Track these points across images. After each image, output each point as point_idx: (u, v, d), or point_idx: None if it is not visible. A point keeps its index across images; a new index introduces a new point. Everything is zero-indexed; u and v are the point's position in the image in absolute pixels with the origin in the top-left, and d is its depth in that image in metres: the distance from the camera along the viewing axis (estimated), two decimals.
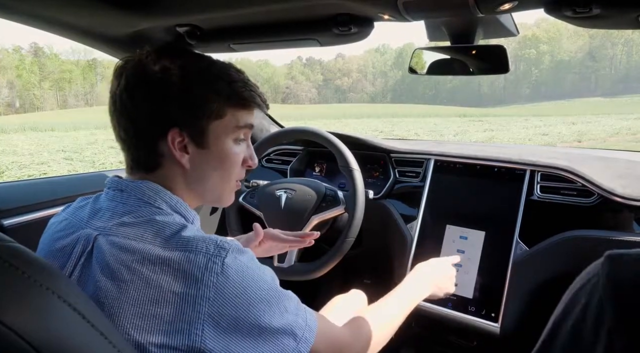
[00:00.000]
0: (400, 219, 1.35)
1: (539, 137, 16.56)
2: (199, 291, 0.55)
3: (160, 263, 0.56)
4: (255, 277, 0.60)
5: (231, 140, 0.68)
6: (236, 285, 0.57)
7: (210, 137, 0.66)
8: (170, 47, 0.68)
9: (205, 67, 0.66)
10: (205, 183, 0.69)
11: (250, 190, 1.43)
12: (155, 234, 0.59)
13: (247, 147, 0.73)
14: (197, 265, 0.56)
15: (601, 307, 0.42)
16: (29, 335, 0.40)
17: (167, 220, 0.61)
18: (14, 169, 9.79)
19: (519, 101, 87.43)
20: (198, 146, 0.66)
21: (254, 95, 0.69)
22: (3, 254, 0.43)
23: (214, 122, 0.66)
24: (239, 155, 0.71)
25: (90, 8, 0.88)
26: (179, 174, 0.67)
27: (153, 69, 0.63)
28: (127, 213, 0.62)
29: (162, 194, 0.65)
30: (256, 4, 0.85)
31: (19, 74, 72.32)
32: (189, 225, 0.63)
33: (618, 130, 18.50)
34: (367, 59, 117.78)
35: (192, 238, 0.59)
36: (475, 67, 1.01)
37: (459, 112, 38.71)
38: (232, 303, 0.56)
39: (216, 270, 0.56)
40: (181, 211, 0.67)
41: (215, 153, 0.67)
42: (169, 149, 0.64)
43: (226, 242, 0.59)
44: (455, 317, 1.21)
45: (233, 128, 0.68)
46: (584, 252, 1.10)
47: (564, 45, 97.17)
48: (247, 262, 0.60)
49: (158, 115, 0.64)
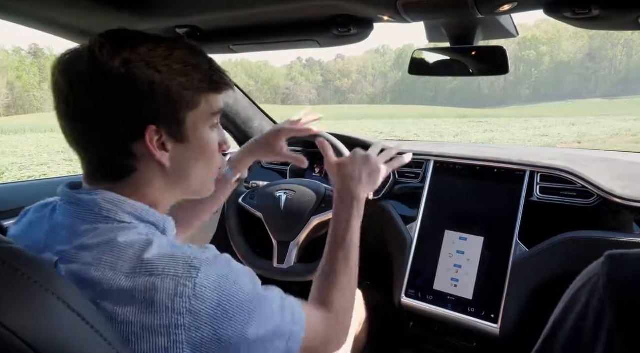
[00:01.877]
0: (400, 220, 1.35)
1: (539, 138, 16.58)
2: (172, 320, 0.50)
3: (124, 294, 0.50)
4: (233, 289, 0.55)
5: (208, 127, 0.64)
6: (213, 305, 0.52)
7: (189, 129, 0.61)
8: (121, 33, 0.59)
9: (170, 54, 0.59)
10: (188, 177, 0.65)
11: (250, 191, 1.43)
12: (116, 258, 0.52)
13: (219, 130, 0.68)
14: (166, 291, 0.50)
15: (601, 306, 0.42)
16: (28, 336, 0.40)
17: (129, 239, 0.54)
18: (14, 170, 9.79)
19: (519, 102, 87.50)
20: (178, 141, 0.61)
21: (223, 76, 0.64)
22: (3, 256, 0.43)
23: (190, 113, 0.61)
24: (216, 142, 0.67)
25: (90, 9, 0.88)
26: (158, 173, 0.62)
27: (113, 64, 0.55)
28: (86, 233, 0.55)
29: (123, 205, 0.58)
30: (256, 5, 0.85)
31: (18, 75, 72.36)
32: (156, 239, 0.56)
33: (618, 131, 18.51)
34: (367, 60, 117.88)
35: (158, 258, 0.53)
36: (475, 68, 1.01)
37: (458, 113, 38.74)
38: (211, 325, 0.52)
39: (188, 294, 0.51)
40: (149, 219, 0.60)
41: (196, 145, 0.63)
42: (147, 150, 0.58)
43: (196, 258, 0.54)
44: (455, 318, 1.20)
45: (209, 115, 0.63)
46: (584, 253, 1.10)
47: (563, 46, 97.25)
48: (223, 275, 0.55)
49: (129, 116, 0.57)
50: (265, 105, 1.84)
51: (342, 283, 0.78)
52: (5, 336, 0.39)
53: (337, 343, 0.74)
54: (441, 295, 1.24)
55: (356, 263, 0.82)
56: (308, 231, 1.30)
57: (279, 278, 1.32)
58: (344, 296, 0.77)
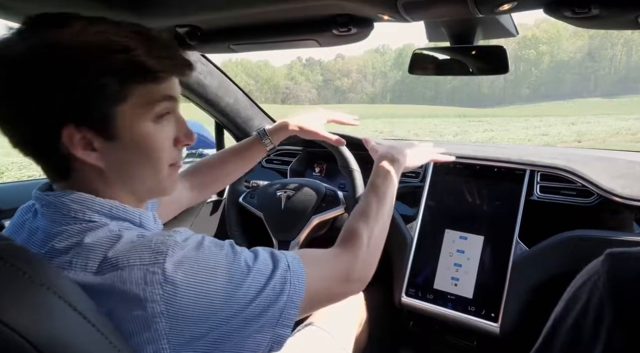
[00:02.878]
0: (400, 219, 1.35)
1: (539, 138, 16.57)
2: (147, 310, 0.48)
3: (98, 294, 0.48)
4: (208, 268, 0.52)
5: (149, 121, 0.55)
6: (189, 287, 0.50)
7: (118, 124, 0.53)
8: (46, 15, 0.52)
9: (91, 39, 0.50)
10: (130, 179, 0.58)
11: (250, 190, 1.43)
12: (86, 259, 0.50)
13: (176, 122, 0.60)
14: (135, 282, 0.48)
15: (601, 304, 0.42)
16: (30, 334, 0.40)
17: (97, 238, 0.52)
18: (14, 170, 9.78)
19: (519, 101, 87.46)
20: (106, 139, 0.54)
21: (163, 61, 0.54)
22: (4, 254, 0.44)
23: (119, 107, 0.53)
24: (164, 138, 0.58)
25: (90, 9, 0.88)
26: (96, 175, 0.56)
27: (18, 51, 0.48)
28: (58, 235, 0.53)
29: (90, 203, 0.55)
30: (256, 4, 0.85)
31: None
32: (126, 232, 0.53)
33: (618, 131, 18.50)
34: (367, 59, 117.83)
35: (123, 251, 0.50)
36: (475, 68, 1.01)
37: (458, 112, 38.74)
38: (191, 308, 0.49)
39: (158, 280, 0.48)
40: (120, 215, 0.57)
41: (131, 142, 0.55)
42: (69, 151, 0.53)
43: (162, 243, 0.51)
44: (455, 317, 1.21)
45: (144, 107, 0.54)
46: (584, 252, 1.10)
47: (563, 45, 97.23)
48: (193, 256, 0.52)
49: (41, 115, 0.50)
50: (265, 104, 1.84)
51: (372, 223, 0.78)
52: (6, 334, 0.39)
53: (360, 279, 0.72)
54: (441, 294, 1.24)
55: (389, 215, 0.84)
56: (308, 230, 1.30)
57: None
58: (372, 235, 0.77)
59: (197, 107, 1.55)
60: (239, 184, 1.45)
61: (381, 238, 0.81)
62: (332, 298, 0.70)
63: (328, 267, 0.68)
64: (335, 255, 0.72)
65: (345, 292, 0.71)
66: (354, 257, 0.72)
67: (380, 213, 0.82)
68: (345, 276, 0.69)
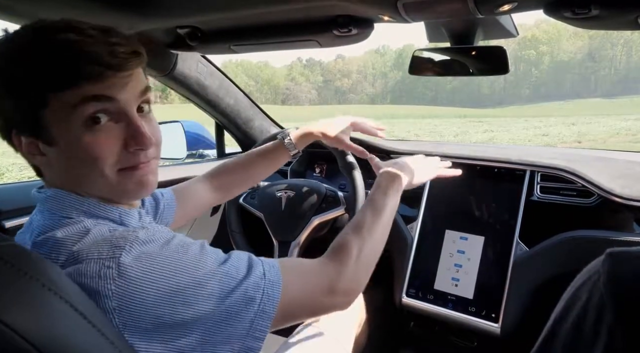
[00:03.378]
0: (401, 220, 1.35)
1: (539, 138, 16.57)
2: (100, 303, 0.47)
3: (59, 286, 0.46)
4: (169, 266, 0.50)
5: (79, 125, 0.52)
6: (144, 284, 0.48)
7: (52, 129, 0.52)
8: None
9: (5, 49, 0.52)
10: (78, 183, 0.57)
11: (250, 191, 1.43)
12: (57, 253, 0.51)
13: (126, 124, 0.55)
14: (89, 275, 0.48)
15: (602, 304, 0.42)
16: (30, 334, 0.40)
17: (67, 233, 0.52)
18: (15, 171, 9.78)
19: (519, 102, 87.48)
20: (46, 144, 0.54)
21: (78, 62, 0.50)
22: (5, 254, 0.44)
23: (43, 111, 0.51)
24: (102, 141, 0.53)
25: (91, 9, 0.88)
26: (56, 177, 0.57)
27: None
28: (38, 229, 0.54)
29: (67, 201, 0.55)
30: (256, 5, 0.86)
31: None
32: (95, 228, 0.53)
33: (618, 131, 18.50)
34: (367, 60, 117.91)
35: (86, 245, 0.50)
36: (475, 68, 1.01)
37: (458, 113, 38.77)
38: (146, 306, 0.48)
39: (111, 274, 0.48)
40: (98, 214, 0.57)
41: (67, 147, 0.53)
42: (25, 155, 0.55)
43: (122, 238, 0.50)
44: (456, 317, 1.21)
45: (69, 109, 0.51)
46: (584, 252, 1.10)
47: (563, 46, 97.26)
48: (155, 251, 0.50)
49: None
50: (265, 105, 1.83)
51: (364, 236, 0.74)
52: (6, 334, 0.39)
53: (345, 292, 0.68)
54: (442, 294, 1.24)
55: (384, 231, 0.81)
56: (309, 231, 1.30)
57: None
58: (363, 248, 0.72)
59: (198, 107, 1.55)
60: None
61: (374, 253, 0.77)
62: (314, 311, 0.67)
63: (310, 277, 0.65)
64: (320, 265, 0.68)
65: (329, 306, 0.67)
66: (340, 268, 0.68)
67: (375, 228, 0.78)
68: (329, 288, 0.65)
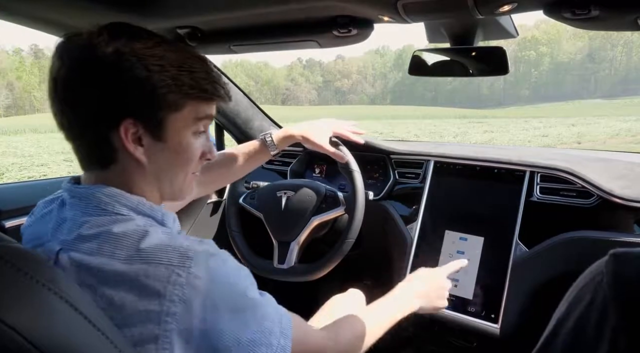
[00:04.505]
0: (400, 220, 1.35)
1: (539, 139, 16.59)
2: (163, 307, 0.52)
3: (120, 280, 0.53)
4: (226, 284, 0.56)
5: (190, 133, 0.64)
6: (205, 296, 0.53)
7: (168, 129, 0.61)
8: (123, 26, 0.60)
9: (164, 54, 0.59)
10: (162, 178, 0.64)
11: (250, 191, 1.43)
12: (113, 247, 0.55)
13: (206, 139, 0.68)
14: (159, 278, 0.52)
15: (605, 305, 0.41)
16: (31, 334, 0.40)
17: (125, 229, 0.57)
18: (14, 171, 9.79)
19: (519, 103, 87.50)
20: (154, 138, 0.61)
21: (217, 87, 0.64)
22: (5, 254, 0.44)
23: (172, 114, 0.61)
24: (198, 149, 0.66)
25: (91, 10, 0.88)
26: (135, 168, 0.62)
27: (105, 51, 0.56)
28: (85, 223, 0.58)
29: (119, 198, 0.60)
30: (256, 5, 0.86)
31: (18, 75, 72.34)
32: (153, 229, 0.58)
33: (617, 132, 18.52)
34: (367, 60, 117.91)
35: (153, 247, 0.54)
36: (475, 69, 1.01)
37: (458, 113, 38.79)
38: (201, 316, 0.53)
39: (180, 282, 0.52)
40: (146, 212, 0.61)
41: (172, 146, 0.62)
42: (121, 141, 0.59)
43: (191, 249, 0.55)
44: (455, 318, 1.21)
45: (192, 120, 0.63)
46: (584, 253, 1.10)
47: (563, 46, 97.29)
48: (217, 268, 0.56)
49: (110, 104, 0.58)
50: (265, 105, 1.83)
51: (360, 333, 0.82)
52: (6, 334, 0.39)
53: None
54: None
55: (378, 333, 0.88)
56: (308, 231, 1.30)
57: (279, 278, 1.32)
58: (353, 340, 0.81)
59: None
60: (239, 185, 1.45)
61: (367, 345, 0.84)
62: None
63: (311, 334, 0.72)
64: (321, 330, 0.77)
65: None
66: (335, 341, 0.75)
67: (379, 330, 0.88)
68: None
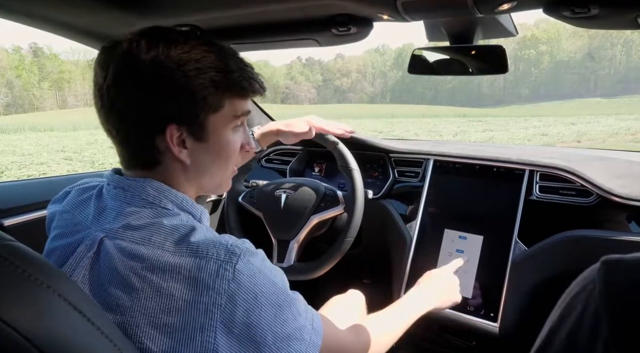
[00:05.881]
0: (400, 219, 1.35)
1: (538, 138, 16.59)
2: (211, 298, 0.55)
3: (170, 270, 0.55)
4: (266, 281, 0.59)
5: (230, 129, 0.67)
6: (248, 291, 0.56)
7: (210, 129, 0.64)
8: (159, 31, 0.62)
9: (202, 58, 0.61)
10: (205, 175, 0.68)
11: (249, 190, 1.43)
12: (163, 238, 0.58)
13: (243, 132, 0.71)
14: (208, 272, 0.55)
15: (597, 316, 0.40)
16: (30, 333, 0.40)
17: (174, 222, 0.60)
18: (14, 169, 9.79)
19: (518, 101, 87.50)
20: (197, 140, 0.64)
21: (253, 82, 0.66)
22: (4, 253, 0.44)
23: (213, 115, 0.63)
24: (237, 143, 0.69)
25: (90, 8, 0.88)
26: (179, 169, 0.65)
27: (143, 59, 0.58)
28: (133, 214, 0.60)
29: (167, 193, 0.63)
30: (256, 4, 0.86)
31: (18, 74, 72.31)
32: (198, 225, 0.61)
33: (617, 131, 18.53)
34: (367, 59, 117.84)
35: (202, 242, 0.58)
36: (475, 67, 1.01)
37: (458, 112, 38.80)
38: (244, 309, 0.56)
39: (227, 276, 0.56)
40: (188, 209, 0.65)
41: (214, 145, 0.65)
42: (166, 145, 0.62)
43: (237, 246, 0.58)
44: (454, 317, 1.21)
45: (231, 118, 0.66)
46: (583, 251, 1.10)
47: (563, 45, 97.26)
48: (259, 266, 0.59)
49: (153, 111, 0.60)
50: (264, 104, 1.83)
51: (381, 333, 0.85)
52: (6, 333, 0.39)
53: None
54: None
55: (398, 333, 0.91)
56: (308, 230, 1.30)
57: None
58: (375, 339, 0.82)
59: None
60: (238, 184, 1.45)
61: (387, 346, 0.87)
62: None
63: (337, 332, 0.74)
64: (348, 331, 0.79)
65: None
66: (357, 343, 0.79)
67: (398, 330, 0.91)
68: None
